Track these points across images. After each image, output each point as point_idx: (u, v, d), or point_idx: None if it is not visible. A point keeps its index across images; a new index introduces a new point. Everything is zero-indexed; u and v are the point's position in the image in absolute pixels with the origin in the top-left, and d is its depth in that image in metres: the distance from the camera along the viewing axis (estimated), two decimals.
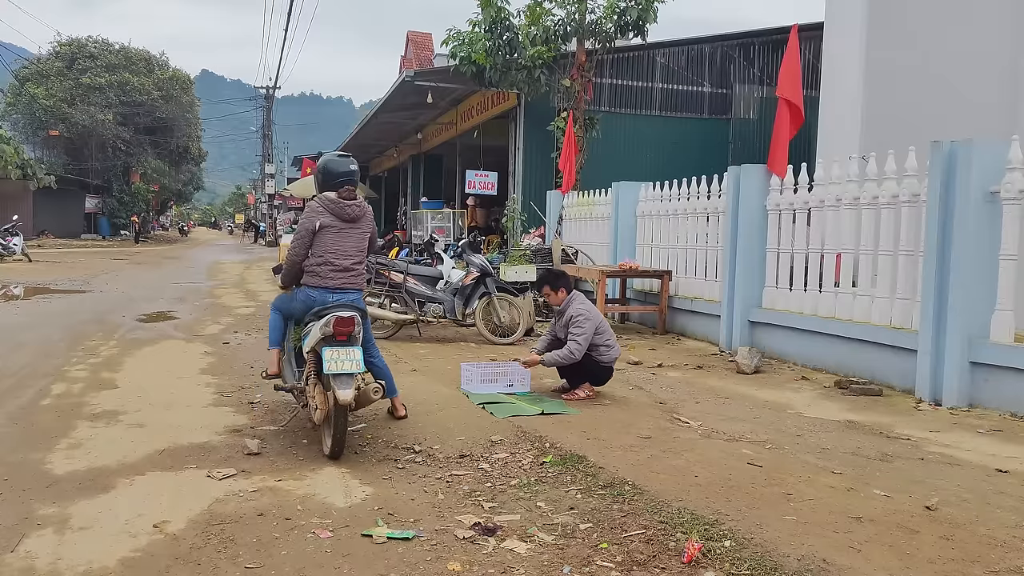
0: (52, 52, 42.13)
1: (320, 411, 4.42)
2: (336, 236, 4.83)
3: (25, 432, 4.97)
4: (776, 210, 8.03)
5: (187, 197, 72.22)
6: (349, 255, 4.87)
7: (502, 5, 13.60)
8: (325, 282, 4.80)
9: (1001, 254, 5.74)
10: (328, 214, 4.84)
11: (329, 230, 4.81)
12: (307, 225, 4.84)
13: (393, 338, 9.06)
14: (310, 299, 4.82)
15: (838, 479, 4.10)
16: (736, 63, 16.72)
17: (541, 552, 3.19)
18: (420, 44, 33.75)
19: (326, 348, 4.38)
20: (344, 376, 4.31)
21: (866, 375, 6.71)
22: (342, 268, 4.83)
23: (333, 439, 4.36)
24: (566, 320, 6.09)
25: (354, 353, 4.39)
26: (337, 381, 4.27)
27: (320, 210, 4.85)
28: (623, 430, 5.06)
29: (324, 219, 4.82)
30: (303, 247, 4.86)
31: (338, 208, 4.85)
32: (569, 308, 6.13)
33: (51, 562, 3.08)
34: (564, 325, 6.12)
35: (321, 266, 4.81)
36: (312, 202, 4.97)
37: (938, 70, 9.92)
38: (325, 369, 4.31)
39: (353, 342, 4.47)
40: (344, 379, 4.30)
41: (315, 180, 5.00)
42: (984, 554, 3.16)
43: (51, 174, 35.68)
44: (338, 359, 4.34)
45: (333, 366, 4.31)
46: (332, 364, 4.31)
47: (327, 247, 4.81)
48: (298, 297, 4.95)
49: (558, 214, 13.32)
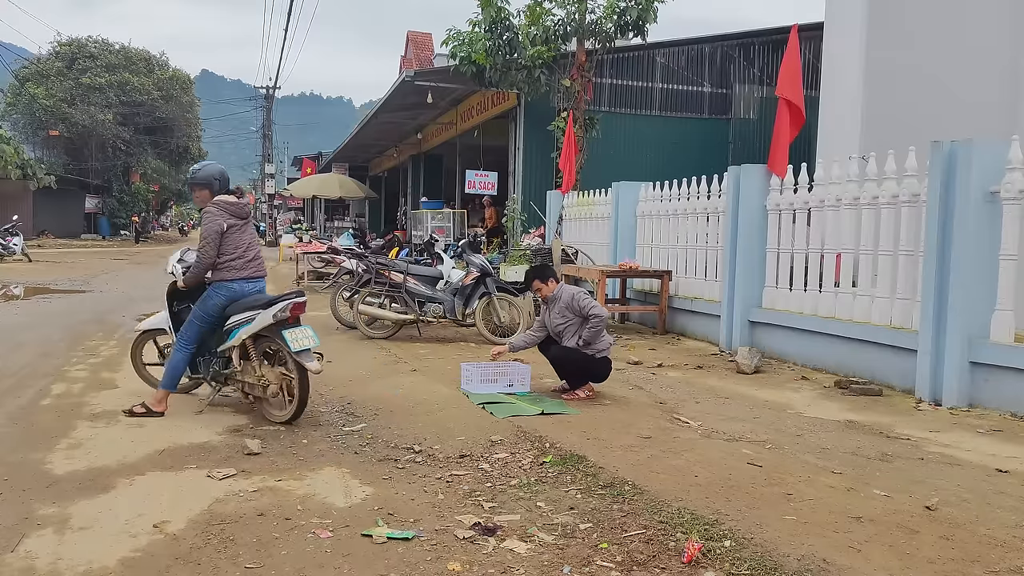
0: (52, 52, 42.08)
1: (274, 385, 5.21)
2: (240, 233, 5.44)
3: (25, 432, 4.97)
4: (776, 210, 8.03)
5: (187, 197, 72.13)
6: (252, 247, 5.53)
7: (502, 5, 13.59)
8: (241, 273, 5.39)
9: (1001, 254, 5.74)
10: (230, 215, 5.39)
11: (234, 228, 5.39)
12: (215, 228, 5.30)
13: (393, 338, 9.06)
14: (233, 292, 5.38)
15: (838, 479, 4.10)
16: (736, 63, 16.71)
17: (541, 552, 3.19)
18: (420, 44, 33.75)
19: (286, 331, 5.10)
20: (306, 351, 5.09)
21: (866, 375, 6.71)
22: (251, 259, 5.47)
23: (297, 405, 5.14)
24: (563, 306, 6.10)
25: (308, 331, 5.18)
26: (303, 356, 5.06)
27: (222, 212, 5.36)
28: (623, 430, 5.06)
29: (229, 220, 5.37)
30: (215, 247, 5.31)
31: (237, 208, 5.45)
32: (562, 293, 6.16)
33: (51, 562, 3.09)
34: (559, 312, 6.12)
35: (236, 260, 5.38)
36: (212, 207, 5.40)
37: (938, 70, 9.92)
38: (292, 348, 5.03)
39: (301, 322, 5.24)
40: (307, 354, 5.10)
41: (210, 187, 5.48)
42: (984, 554, 3.16)
43: (51, 174, 35.66)
44: (300, 338, 5.11)
45: (297, 344, 5.06)
46: (296, 343, 5.07)
47: (236, 243, 5.40)
48: (220, 293, 5.37)
49: (558, 214, 13.32)
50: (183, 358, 5.44)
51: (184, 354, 5.43)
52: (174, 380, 5.45)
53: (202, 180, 5.46)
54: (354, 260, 10.21)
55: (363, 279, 9.13)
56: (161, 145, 44.63)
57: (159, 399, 5.39)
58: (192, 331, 5.44)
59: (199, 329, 5.45)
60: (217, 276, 5.37)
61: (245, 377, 5.37)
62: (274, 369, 5.28)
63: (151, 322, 6.06)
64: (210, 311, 5.41)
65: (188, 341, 5.44)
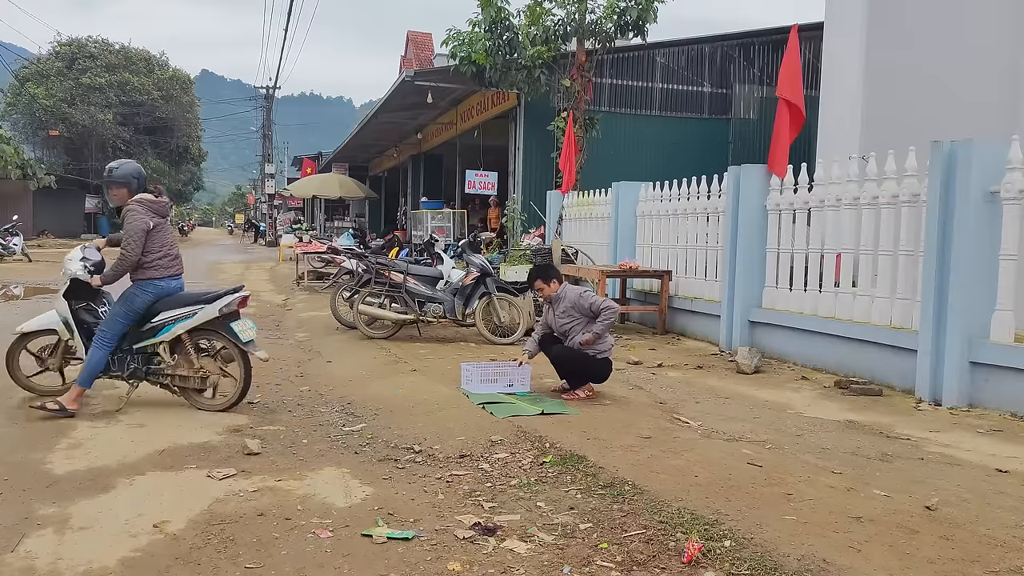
0: (52, 52, 42.07)
1: (215, 375, 5.57)
2: (163, 231, 5.53)
3: (25, 432, 4.97)
4: (776, 210, 8.03)
5: (187, 197, 72.13)
6: (174, 244, 5.64)
7: (502, 5, 13.59)
8: (168, 271, 5.51)
9: (1001, 254, 5.74)
10: (153, 214, 5.44)
11: (158, 227, 5.47)
12: (141, 226, 5.33)
13: (393, 338, 9.06)
14: (160, 289, 5.48)
15: (838, 479, 4.10)
16: (736, 63, 16.70)
17: (541, 552, 3.19)
18: (420, 44, 33.73)
19: (232, 323, 5.47)
20: (251, 342, 5.50)
21: (866, 375, 6.71)
22: (174, 256, 5.59)
23: (243, 389, 5.55)
24: (568, 305, 6.09)
25: (249, 323, 5.59)
26: (250, 345, 5.49)
27: (147, 211, 5.41)
28: (623, 430, 5.06)
29: (154, 219, 5.44)
30: (141, 245, 5.33)
31: (159, 207, 5.53)
32: (567, 293, 6.15)
33: (51, 562, 3.09)
34: (564, 312, 6.11)
35: (163, 258, 5.48)
36: (135, 205, 5.41)
37: (938, 70, 9.91)
38: (242, 339, 5.45)
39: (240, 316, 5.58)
40: (253, 343, 5.52)
41: (128, 186, 5.50)
42: (984, 554, 3.16)
43: (51, 174, 35.67)
44: (246, 329, 5.51)
45: (245, 335, 5.48)
46: (244, 334, 5.48)
47: (162, 242, 5.49)
48: (148, 291, 5.44)
49: (558, 214, 13.32)
50: (103, 356, 5.43)
51: (104, 352, 5.43)
52: (91, 378, 5.45)
53: (120, 178, 5.47)
54: (354, 260, 10.22)
55: (363, 279, 9.13)
56: (161, 145, 44.62)
57: (74, 398, 5.35)
58: (115, 329, 5.44)
59: (123, 327, 5.47)
60: (144, 275, 5.42)
61: (178, 371, 5.52)
62: (214, 361, 5.59)
63: (38, 322, 5.87)
64: (138, 309, 5.45)
65: (110, 339, 5.44)
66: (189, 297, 5.61)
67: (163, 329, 5.49)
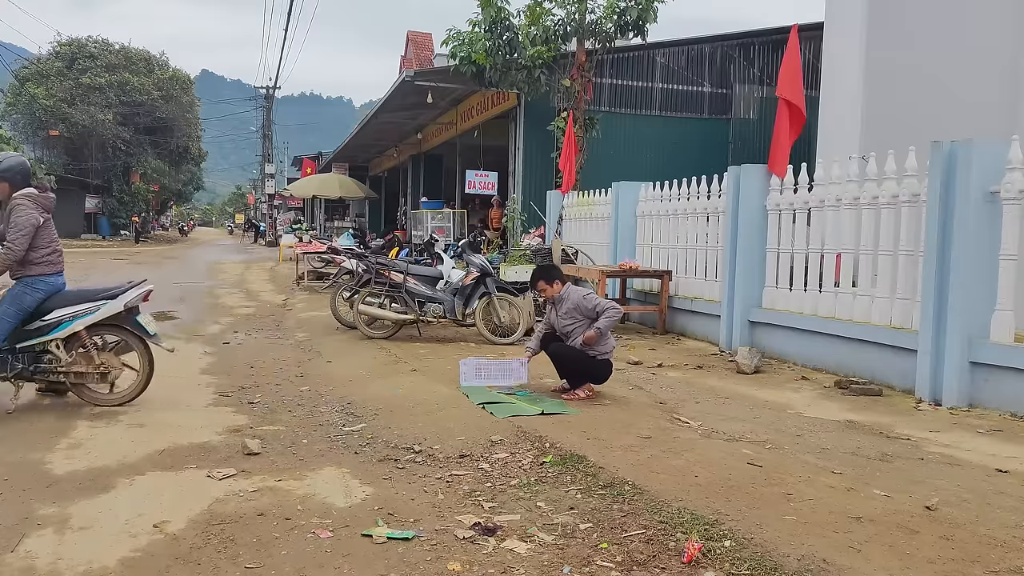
0: (52, 52, 42.04)
1: (117, 370, 5.59)
2: (50, 228, 5.48)
3: (25, 432, 4.97)
4: (776, 210, 8.03)
5: (187, 197, 72.21)
6: (59, 240, 5.60)
7: (502, 5, 13.59)
8: (57, 268, 5.48)
9: (1001, 254, 5.74)
10: (42, 210, 5.39)
11: (46, 223, 5.42)
12: (32, 222, 5.28)
13: (393, 338, 9.06)
14: (50, 286, 5.43)
15: (838, 479, 4.10)
16: (736, 63, 16.71)
17: (541, 552, 3.19)
18: (420, 44, 33.74)
19: (138, 317, 5.55)
20: (157, 334, 5.62)
21: (866, 375, 6.71)
22: (60, 252, 5.58)
23: (145, 381, 5.59)
24: (571, 307, 6.08)
25: (150, 317, 5.70)
26: (156, 338, 5.60)
27: (36, 207, 5.35)
28: (623, 430, 5.06)
29: (42, 215, 5.38)
30: (28, 240, 5.27)
31: (46, 202, 5.48)
32: (570, 294, 6.14)
33: (51, 562, 3.09)
34: (567, 313, 6.10)
35: (51, 254, 5.45)
36: (23, 200, 5.33)
37: (938, 70, 9.91)
38: (149, 332, 5.56)
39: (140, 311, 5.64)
40: (158, 336, 5.64)
41: (11, 181, 5.38)
42: (984, 554, 3.16)
43: (51, 174, 35.62)
44: (150, 323, 5.63)
45: (151, 328, 5.61)
46: (150, 327, 5.60)
47: (50, 238, 5.44)
48: (39, 288, 5.36)
49: (558, 214, 13.32)
50: None
51: None
52: None
53: (2, 173, 5.36)
54: (354, 260, 10.22)
55: (363, 279, 9.13)
56: (161, 145, 44.62)
57: None
58: (5, 327, 5.30)
59: (11, 326, 5.32)
60: (34, 271, 5.34)
61: (74, 367, 5.46)
62: (117, 356, 5.63)
63: None
64: (28, 306, 5.34)
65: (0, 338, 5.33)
66: (86, 293, 5.58)
67: (58, 326, 5.38)
